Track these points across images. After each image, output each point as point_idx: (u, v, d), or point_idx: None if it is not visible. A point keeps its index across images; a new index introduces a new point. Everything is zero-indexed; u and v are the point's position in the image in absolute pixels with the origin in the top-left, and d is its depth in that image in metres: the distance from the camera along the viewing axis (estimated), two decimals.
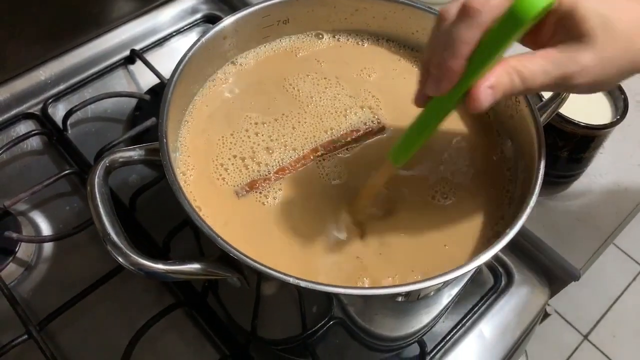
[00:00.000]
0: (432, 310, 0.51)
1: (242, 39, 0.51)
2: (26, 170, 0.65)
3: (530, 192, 0.41)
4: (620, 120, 0.58)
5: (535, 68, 0.34)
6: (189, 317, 0.55)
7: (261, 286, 0.42)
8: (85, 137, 0.67)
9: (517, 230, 0.39)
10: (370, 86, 0.52)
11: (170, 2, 0.78)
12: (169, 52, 0.75)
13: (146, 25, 0.76)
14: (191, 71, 0.47)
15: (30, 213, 0.62)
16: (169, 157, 0.40)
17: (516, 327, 0.58)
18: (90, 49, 0.73)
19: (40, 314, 0.54)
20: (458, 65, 0.33)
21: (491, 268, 0.61)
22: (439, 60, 0.34)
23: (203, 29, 0.78)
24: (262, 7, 0.50)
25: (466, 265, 0.37)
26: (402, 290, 0.36)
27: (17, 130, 0.67)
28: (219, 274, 0.38)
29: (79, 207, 0.62)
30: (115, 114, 0.70)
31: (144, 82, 0.73)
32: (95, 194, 0.39)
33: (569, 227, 0.62)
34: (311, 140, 0.49)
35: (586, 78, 0.34)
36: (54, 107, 0.69)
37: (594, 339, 1.49)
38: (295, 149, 0.48)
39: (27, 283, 0.57)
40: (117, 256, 0.37)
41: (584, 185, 0.65)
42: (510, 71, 0.34)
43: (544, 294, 0.61)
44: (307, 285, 0.35)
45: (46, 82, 0.70)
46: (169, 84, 0.44)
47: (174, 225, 0.57)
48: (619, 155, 0.68)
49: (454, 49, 0.33)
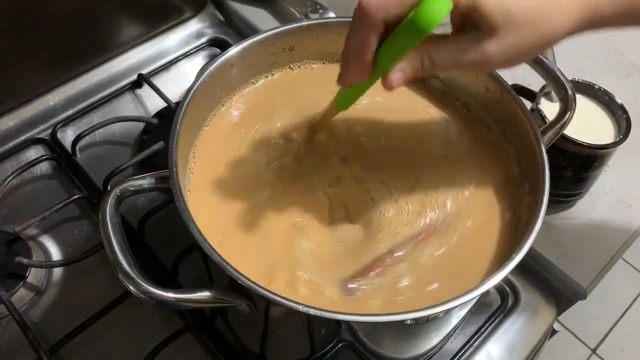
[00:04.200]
0: (441, 332, 0.52)
1: (249, 66, 0.52)
2: (36, 195, 0.66)
3: (536, 215, 0.41)
4: (624, 139, 0.58)
5: (444, 55, 0.38)
6: (198, 340, 0.56)
7: (270, 312, 0.42)
8: (94, 161, 0.68)
9: (524, 253, 0.39)
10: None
11: (177, 26, 0.80)
12: (176, 76, 0.76)
13: (153, 50, 0.77)
14: (199, 100, 0.48)
15: (40, 237, 0.62)
16: (179, 185, 0.41)
17: (524, 347, 0.58)
18: (98, 74, 0.74)
19: (50, 338, 0.54)
20: (364, 66, 0.38)
21: (498, 288, 0.61)
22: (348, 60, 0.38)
23: (209, 53, 0.79)
24: (268, 36, 0.51)
25: (473, 290, 0.37)
26: (411, 317, 0.37)
27: (27, 155, 0.68)
28: (228, 301, 0.39)
29: (88, 232, 0.63)
30: (124, 138, 0.71)
31: (151, 106, 0.74)
32: (107, 223, 0.39)
33: (575, 245, 0.62)
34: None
35: (491, 64, 0.38)
36: (63, 132, 0.70)
37: (603, 352, 1.48)
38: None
39: (38, 308, 0.58)
40: (129, 285, 0.37)
41: (589, 203, 0.66)
42: (423, 57, 0.37)
43: (550, 313, 0.61)
44: (316, 313, 0.35)
45: (55, 108, 0.71)
46: (177, 114, 0.44)
47: (182, 248, 0.58)
48: (623, 172, 0.68)
49: (358, 54, 0.37)
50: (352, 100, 0.46)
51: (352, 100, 0.46)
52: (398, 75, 0.37)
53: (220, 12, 0.83)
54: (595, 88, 0.62)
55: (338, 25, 0.53)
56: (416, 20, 0.34)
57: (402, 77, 0.37)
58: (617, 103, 0.61)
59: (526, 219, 0.45)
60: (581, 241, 0.62)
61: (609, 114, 0.62)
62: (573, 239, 0.63)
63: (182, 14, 0.79)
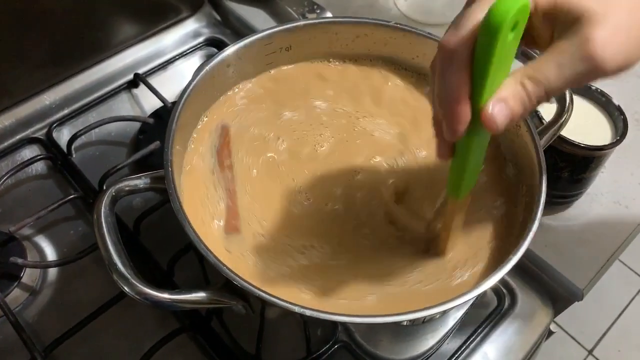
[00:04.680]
0: (438, 333, 0.51)
1: (245, 65, 0.52)
2: (31, 195, 0.65)
3: (533, 217, 0.41)
4: (620, 140, 0.58)
5: (547, 69, 0.31)
6: (193, 341, 0.55)
7: (266, 312, 0.42)
8: (89, 161, 0.68)
9: (521, 254, 0.39)
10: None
11: (173, 25, 0.79)
12: (172, 76, 0.76)
13: (149, 49, 0.77)
14: (195, 99, 0.47)
15: (35, 237, 0.62)
16: (174, 185, 0.41)
17: (520, 348, 0.58)
18: (94, 73, 0.74)
19: (45, 339, 0.54)
20: (462, 107, 0.32)
21: (494, 289, 0.61)
22: (444, 112, 0.33)
23: (206, 53, 0.79)
24: (265, 35, 0.51)
25: (469, 292, 0.37)
26: (407, 318, 0.37)
27: (22, 155, 0.68)
28: (224, 302, 0.39)
29: (84, 231, 0.63)
30: (119, 138, 0.70)
31: (147, 106, 0.73)
32: (102, 223, 0.39)
33: (572, 246, 0.62)
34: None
35: (611, 52, 0.30)
36: (58, 132, 0.70)
37: (599, 353, 1.48)
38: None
39: (32, 308, 0.58)
40: (124, 286, 0.37)
41: (586, 204, 0.66)
42: (523, 80, 0.32)
43: (547, 314, 0.61)
44: (312, 314, 0.35)
45: (51, 107, 0.71)
46: (173, 115, 0.44)
47: (178, 249, 0.57)
48: (620, 174, 0.68)
49: (453, 98, 0.32)
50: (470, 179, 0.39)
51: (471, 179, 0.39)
52: (499, 108, 0.31)
53: (217, 12, 0.83)
54: (592, 89, 0.62)
55: (335, 25, 0.53)
56: (488, 18, 0.30)
57: (504, 110, 0.31)
58: (614, 104, 0.61)
59: (523, 220, 0.45)
60: (578, 242, 0.62)
61: (606, 115, 0.62)
62: (570, 240, 0.63)
63: (179, 13, 0.79)
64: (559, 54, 0.31)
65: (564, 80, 0.31)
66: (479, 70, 0.32)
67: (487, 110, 0.32)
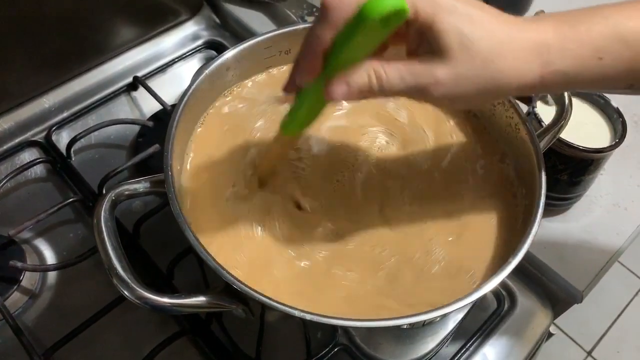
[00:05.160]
0: (438, 336, 0.51)
1: (245, 69, 0.52)
2: (30, 198, 0.65)
3: (532, 219, 0.41)
4: (619, 143, 0.59)
5: (393, 74, 0.35)
6: (193, 344, 0.55)
7: (266, 316, 0.42)
8: (89, 164, 0.68)
9: (520, 257, 0.39)
10: None
11: (172, 28, 0.79)
12: (172, 79, 0.76)
13: (148, 52, 0.77)
14: (195, 102, 0.47)
15: (35, 241, 0.62)
16: (174, 189, 0.41)
17: (520, 350, 0.58)
18: (93, 76, 0.74)
19: (45, 342, 0.54)
20: (315, 59, 0.36)
21: (494, 292, 0.61)
22: (301, 56, 0.37)
23: (205, 55, 0.79)
24: (265, 39, 0.50)
25: (469, 295, 0.37)
26: (407, 322, 0.37)
27: (21, 158, 0.68)
28: (224, 306, 0.39)
29: (83, 235, 0.63)
30: (119, 141, 0.70)
31: (147, 109, 0.73)
32: (102, 228, 0.39)
33: (571, 249, 0.62)
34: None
35: (440, 91, 0.35)
36: (57, 135, 0.70)
37: (598, 355, 1.48)
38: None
39: (32, 312, 0.58)
40: (124, 290, 0.37)
41: (585, 206, 0.66)
42: (370, 72, 0.35)
43: (547, 316, 0.61)
44: (312, 318, 0.35)
45: (50, 110, 0.71)
46: (173, 117, 0.44)
47: (177, 252, 0.57)
48: (619, 176, 0.68)
49: (310, 45, 0.35)
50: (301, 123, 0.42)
51: (302, 123, 0.42)
52: (342, 89, 0.35)
53: (216, 15, 0.83)
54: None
55: None
56: (363, 7, 0.32)
57: (345, 91, 0.35)
58: (612, 107, 0.61)
59: (522, 223, 0.45)
60: (577, 244, 0.62)
61: (605, 118, 0.62)
62: (569, 242, 0.63)
63: (178, 16, 0.79)
64: (408, 69, 0.35)
65: (402, 92, 0.36)
66: (340, 41, 0.35)
67: (331, 85, 0.35)
